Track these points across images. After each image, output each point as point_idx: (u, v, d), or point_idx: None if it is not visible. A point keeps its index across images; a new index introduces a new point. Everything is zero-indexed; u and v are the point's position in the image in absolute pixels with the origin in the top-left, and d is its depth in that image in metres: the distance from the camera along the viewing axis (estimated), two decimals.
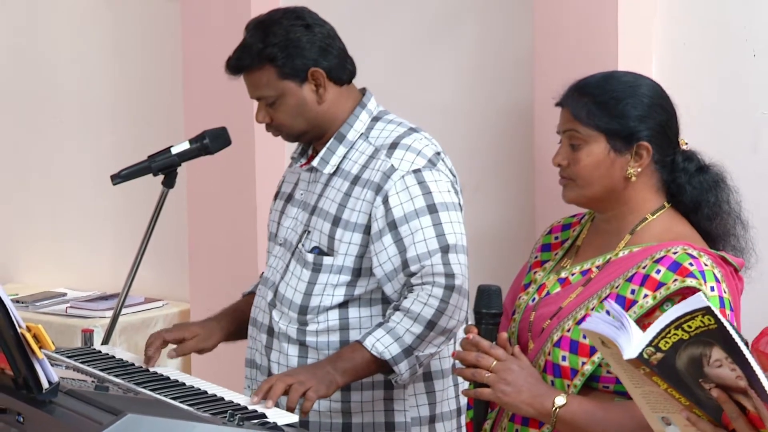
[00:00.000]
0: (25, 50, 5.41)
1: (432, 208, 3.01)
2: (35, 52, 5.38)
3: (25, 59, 5.41)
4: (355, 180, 3.07)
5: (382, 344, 2.94)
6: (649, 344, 1.99)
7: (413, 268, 2.98)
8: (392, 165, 3.04)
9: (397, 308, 2.99)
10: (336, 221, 3.06)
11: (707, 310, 1.94)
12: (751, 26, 3.40)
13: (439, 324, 2.96)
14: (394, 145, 3.06)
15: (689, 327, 1.95)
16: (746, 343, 2.01)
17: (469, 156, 3.99)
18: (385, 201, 3.01)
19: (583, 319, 2.49)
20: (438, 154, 3.10)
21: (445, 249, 2.99)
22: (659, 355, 1.99)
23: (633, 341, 2.01)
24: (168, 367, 3.19)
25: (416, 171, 3.03)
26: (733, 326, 1.96)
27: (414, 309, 2.95)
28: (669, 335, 1.97)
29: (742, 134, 3.43)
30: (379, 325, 2.98)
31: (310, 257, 3.08)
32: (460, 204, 3.10)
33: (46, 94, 5.35)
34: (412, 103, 4.02)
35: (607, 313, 2.27)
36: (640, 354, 1.99)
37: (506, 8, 3.95)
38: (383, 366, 2.96)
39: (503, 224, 3.99)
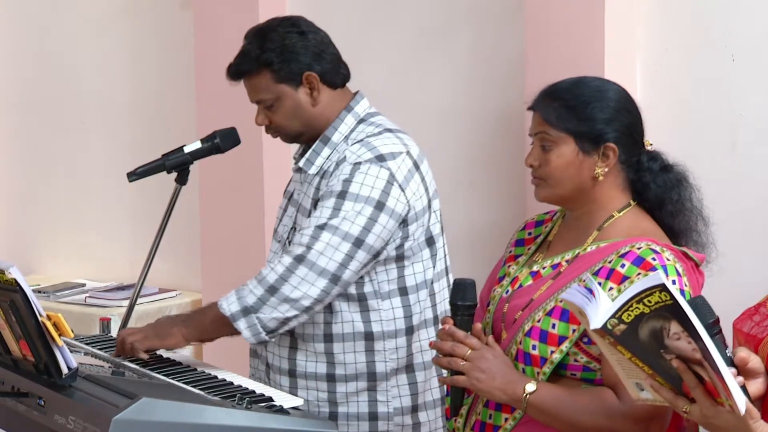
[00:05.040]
0: (50, 57, 5.46)
1: (341, 195, 2.99)
2: (59, 58, 5.43)
3: (50, 65, 5.47)
4: None
5: (226, 302, 2.98)
6: (613, 316, 2.04)
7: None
8: (345, 157, 3.05)
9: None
10: None
11: (663, 287, 1.99)
12: (730, 33, 3.46)
13: (281, 291, 2.95)
14: (358, 142, 3.08)
15: (649, 302, 2.00)
16: (717, 320, 2.09)
17: (464, 155, 4.03)
18: (321, 185, 3.07)
19: (552, 310, 2.54)
20: (400, 153, 3.06)
21: (322, 226, 2.97)
22: (622, 326, 2.04)
23: (600, 312, 2.06)
24: (180, 353, 3.22)
25: (356, 163, 3.02)
26: (688, 302, 2.00)
27: (263, 273, 2.98)
28: (631, 308, 2.02)
29: (721, 134, 3.48)
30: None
31: None
32: (384, 203, 3.01)
33: (68, 98, 5.40)
34: (410, 105, 4.07)
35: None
36: (604, 325, 2.05)
37: (499, 16, 3.99)
38: (230, 324, 2.99)
39: (496, 220, 3.99)
